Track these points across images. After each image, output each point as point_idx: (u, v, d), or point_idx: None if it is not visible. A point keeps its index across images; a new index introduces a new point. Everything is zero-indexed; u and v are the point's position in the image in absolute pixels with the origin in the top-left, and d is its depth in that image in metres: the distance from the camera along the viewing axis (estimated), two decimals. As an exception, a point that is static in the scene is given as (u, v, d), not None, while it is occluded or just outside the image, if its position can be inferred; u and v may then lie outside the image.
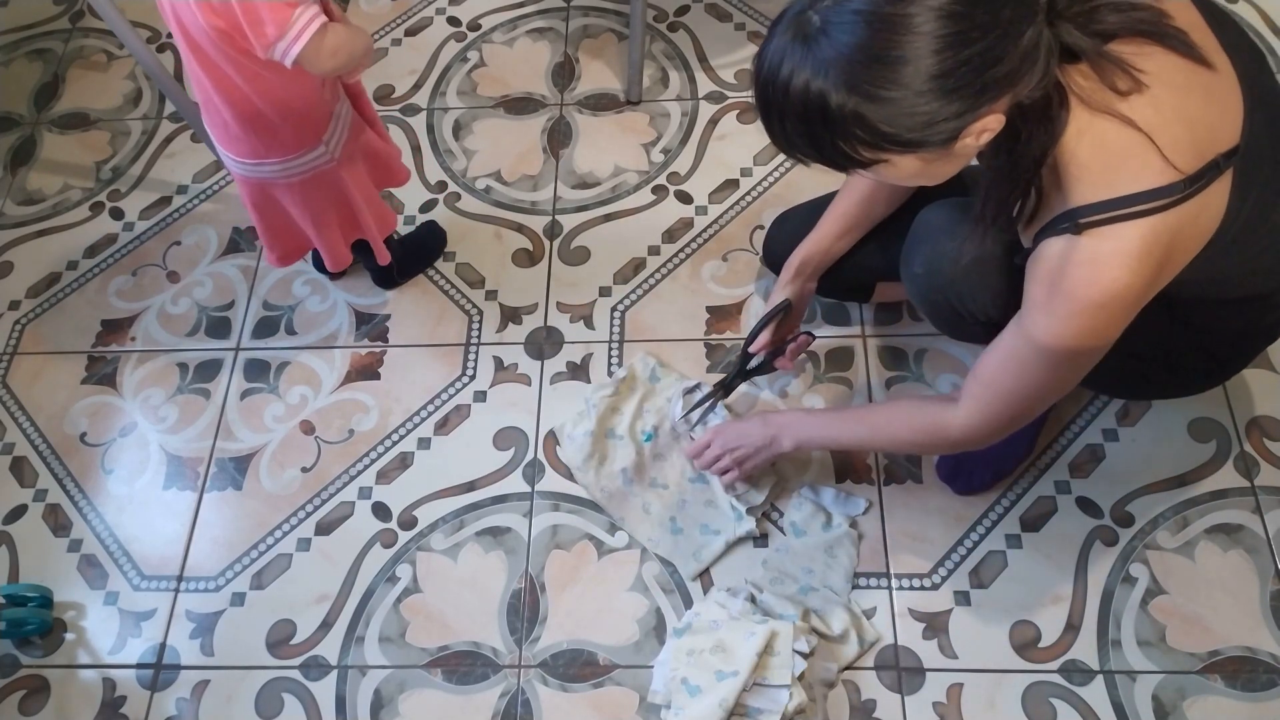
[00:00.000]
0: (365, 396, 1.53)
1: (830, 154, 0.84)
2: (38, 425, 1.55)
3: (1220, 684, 1.22)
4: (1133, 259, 0.85)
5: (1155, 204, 0.84)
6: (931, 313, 1.19)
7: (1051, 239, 0.89)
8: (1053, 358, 0.94)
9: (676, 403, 1.43)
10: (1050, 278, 0.90)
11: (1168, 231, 0.85)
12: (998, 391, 1.02)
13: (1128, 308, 0.89)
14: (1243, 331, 1.12)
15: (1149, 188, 0.84)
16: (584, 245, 1.64)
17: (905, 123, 0.79)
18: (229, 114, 1.20)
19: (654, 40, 1.88)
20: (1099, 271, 0.86)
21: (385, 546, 1.40)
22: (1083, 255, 0.86)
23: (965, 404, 1.05)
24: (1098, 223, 0.85)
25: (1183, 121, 0.85)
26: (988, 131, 0.82)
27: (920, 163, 0.85)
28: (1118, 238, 0.85)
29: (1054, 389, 1.00)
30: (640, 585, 1.34)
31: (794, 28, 0.80)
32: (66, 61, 2.00)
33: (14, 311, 1.67)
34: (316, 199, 1.33)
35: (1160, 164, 0.83)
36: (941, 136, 0.81)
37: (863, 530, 1.34)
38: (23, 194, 1.81)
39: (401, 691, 1.30)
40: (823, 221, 1.32)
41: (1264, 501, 1.33)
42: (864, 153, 0.83)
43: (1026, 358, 0.96)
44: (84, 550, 1.44)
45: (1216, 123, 0.87)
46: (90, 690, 1.33)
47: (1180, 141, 0.84)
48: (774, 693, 1.19)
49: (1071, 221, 0.87)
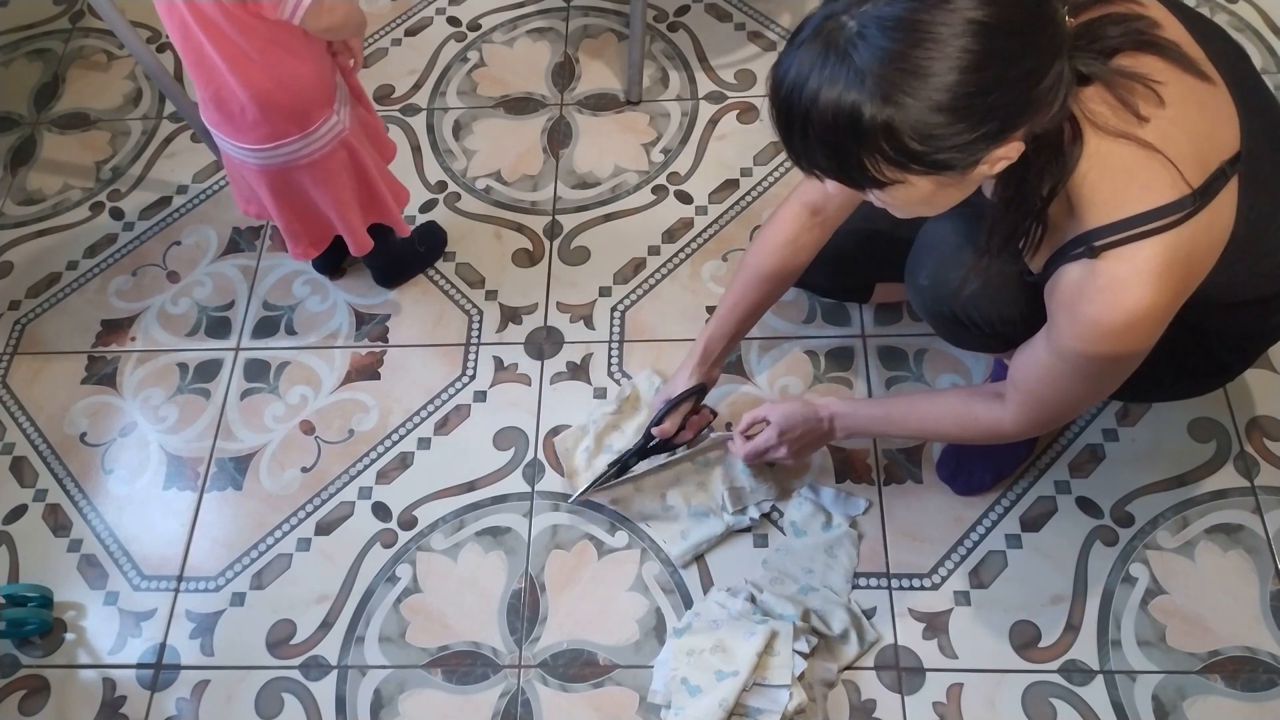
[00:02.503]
0: (365, 396, 1.53)
1: (852, 170, 0.81)
2: (38, 425, 1.55)
3: (1220, 684, 1.22)
4: (1154, 277, 0.84)
5: (1169, 219, 0.83)
6: (936, 324, 1.19)
7: (1068, 265, 0.89)
8: (1088, 373, 0.95)
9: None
10: (1072, 304, 0.89)
11: (1184, 246, 0.84)
12: (1040, 399, 1.03)
13: (1156, 324, 0.89)
14: (1247, 333, 1.12)
15: (1161, 204, 0.83)
16: (584, 245, 1.64)
17: (936, 142, 0.77)
18: (246, 96, 1.21)
19: (654, 40, 1.88)
20: (1121, 296, 0.86)
21: (385, 546, 1.40)
22: (1103, 280, 0.86)
23: (1011, 407, 1.07)
24: (1113, 244, 0.85)
25: (1186, 134, 0.84)
26: (1004, 160, 0.81)
27: (934, 187, 0.83)
28: (1135, 258, 0.84)
29: (1096, 394, 1.02)
30: (640, 585, 1.34)
31: (822, 38, 0.77)
32: (66, 61, 2.00)
33: (14, 311, 1.67)
34: (336, 175, 1.34)
35: (1170, 179, 0.83)
36: (967, 160, 0.79)
37: (863, 530, 1.35)
38: (23, 194, 1.81)
39: (401, 691, 1.30)
40: (722, 305, 1.32)
41: (1264, 501, 1.33)
42: (886, 171, 0.80)
43: (1061, 373, 0.97)
44: (84, 550, 1.44)
45: (1216, 131, 0.87)
46: (90, 690, 1.33)
47: (1186, 155, 0.84)
48: (774, 693, 1.19)
49: (1087, 245, 0.86)
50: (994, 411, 1.10)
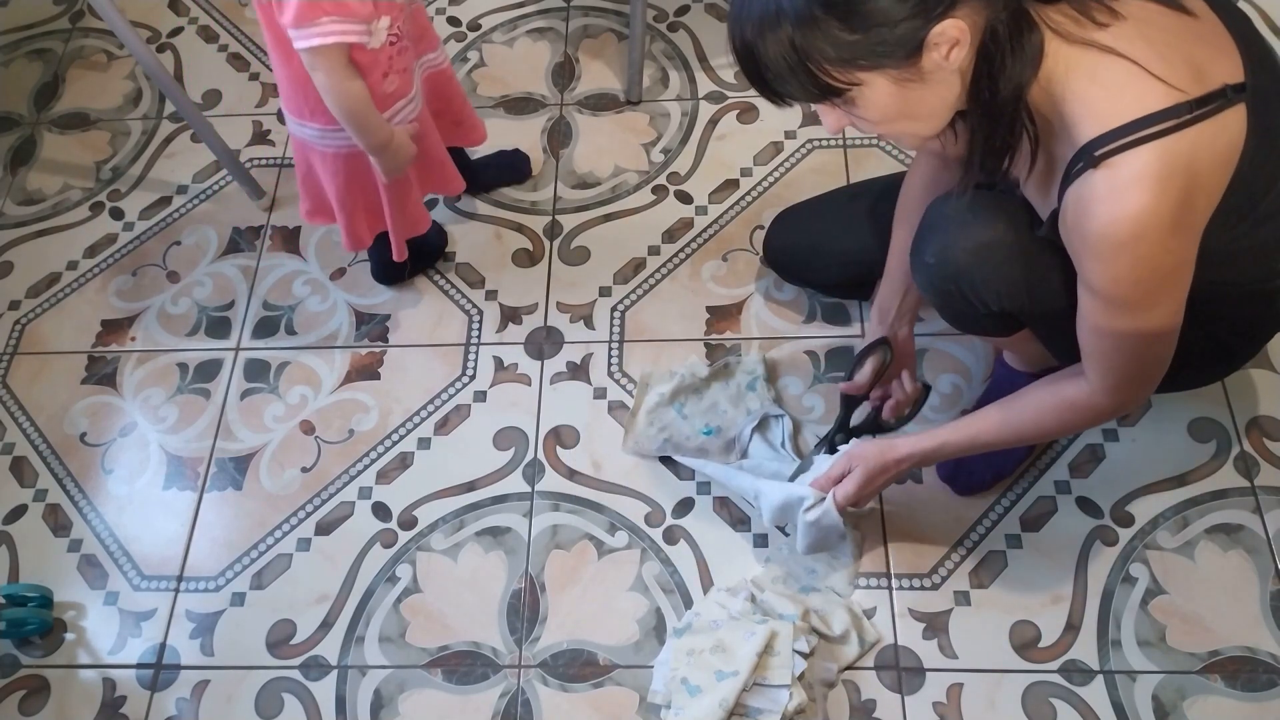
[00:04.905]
0: (365, 396, 1.53)
1: (806, 82, 0.86)
2: (38, 425, 1.55)
3: (1220, 684, 1.22)
4: (1153, 181, 0.84)
5: (1165, 124, 0.83)
6: (941, 303, 1.17)
7: (1072, 187, 0.89)
8: (1129, 304, 0.92)
9: (748, 427, 1.40)
10: (1080, 223, 0.89)
11: (1184, 153, 0.84)
12: (1109, 356, 0.99)
13: (1165, 232, 0.86)
14: (1255, 319, 1.12)
15: (1155, 109, 0.83)
16: (584, 245, 1.64)
17: (865, 20, 0.80)
18: (276, 61, 1.26)
19: (654, 40, 1.88)
20: (1122, 202, 0.85)
21: (385, 546, 1.40)
22: (1102, 190, 0.86)
23: (1093, 378, 1.02)
24: (1111, 152, 0.84)
25: (1175, 52, 0.85)
26: (955, 45, 0.82)
27: (895, 86, 0.85)
28: (1133, 163, 0.84)
29: (1157, 333, 0.96)
30: (640, 585, 1.34)
31: None
32: (66, 61, 2.00)
33: (14, 311, 1.67)
34: (347, 179, 1.35)
35: (1161, 88, 0.83)
36: (908, 43, 0.82)
37: (863, 530, 1.34)
38: (23, 194, 1.81)
39: (401, 691, 1.30)
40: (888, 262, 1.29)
41: (1264, 501, 1.33)
42: (836, 74, 0.84)
43: (1108, 316, 0.94)
44: (84, 550, 1.44)
45: (1213, 59, 0.87)
46: (90, 690, 1.33)
47: (1176, 68, 0.84)
48: (774, 693, 1.19)
49: (1087, 158, 0.86)
50: (1082, 389, 1.04)
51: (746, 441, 1.39)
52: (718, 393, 1.44)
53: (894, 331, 1.32)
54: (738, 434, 1.39)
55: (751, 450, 1.38)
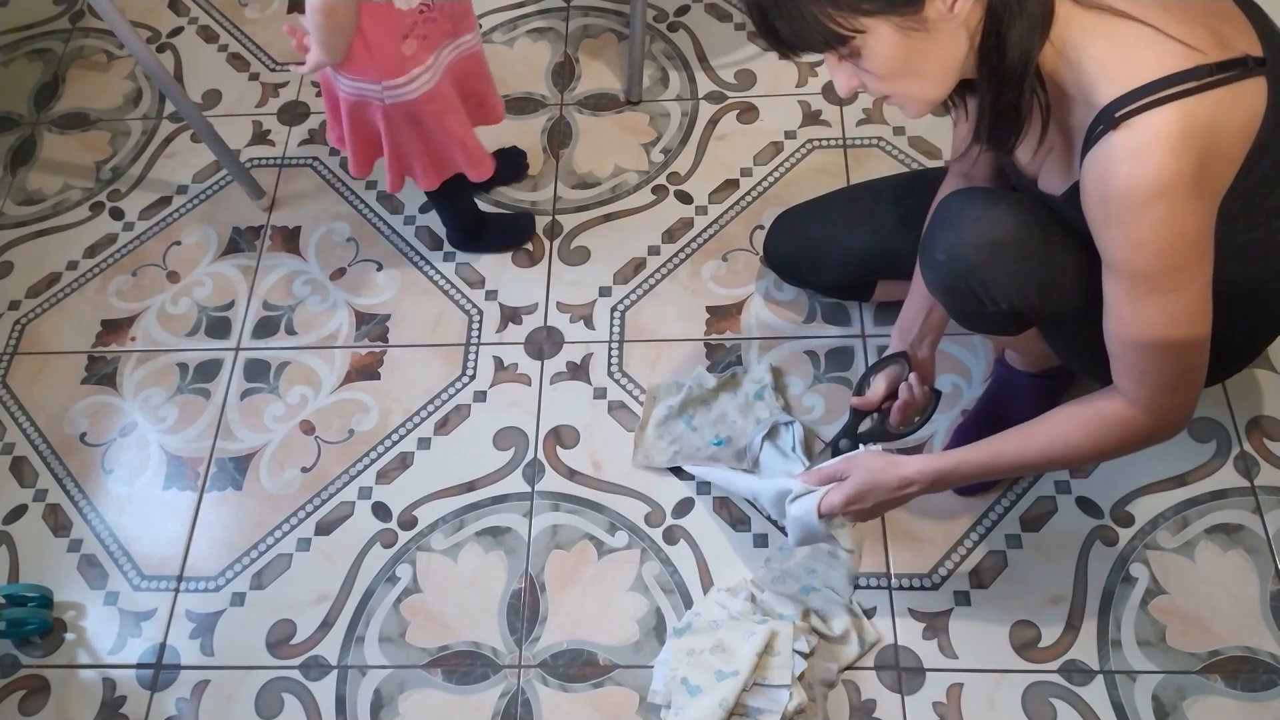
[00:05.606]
0: (365, 396, 1.53)
1: (810, 31, 0.85)
2: (38, 425, 1.55)
3: (1220, 684, 1.22)
4: (1174, 139, 0.83)
5: (1185, 86, 0.83)
6: (950, 301, 1.16)
7: (1091, 152, 0.88)
8: (1153, 278, 0.90)
9: (758, 436, 1.39)
10: (1101, 185, 0.87)
11: (1205, 115, 0.83)
12: (1141, 362, 0.95)
13: (1186, 193, 0.85)
14: (1263, 321, 1.12)
15: (1175, 71, 0.83)
16: (584, 245, 1.64)
17: None
18: None
19: (654, 40, 1.88)
20: (1143, 161, 0.84)
21: (385, 546, 1.40)
22: (1122, 151, 0.85)
23: (1126, 390, 0.98)
24: (1131, 113, 0.84)
25: (1194, 18, 0.85)
26: None
27: (899, 36, 0.85)
28: (1153, 123, 0.83)
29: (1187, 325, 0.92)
30: (640, 585, 1.34)
31: None
32: (66, 61, 2.00)
33: (14, 311, 1.67)
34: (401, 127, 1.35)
35: (1181, 49, 0.83)
36: None
37: (864, 530, 1.34)
38: (23, 194, 1.81)
39: (401, 691, 1.30)
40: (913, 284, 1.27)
41: (1264, 501, 1.33)
42: (840, 20, 0.84)
43: (1132, 301, 0.91)
44: (84, 550, 1.44)
45: (1233, 31, 0.87)
46: (90, 690, 1.33)
47: (1196, 31, 0.84)
48: (774, 693, 1.19)
49: (1107, 120, 0.85)
50: (1116, 401, 0.98)
51: (757, 450, 1.38)
52: (726, 403, 1.44)
53: (914, 350, 1.29)
54: (748, 443, 1.39)
55: (763, 459, 1.38)
